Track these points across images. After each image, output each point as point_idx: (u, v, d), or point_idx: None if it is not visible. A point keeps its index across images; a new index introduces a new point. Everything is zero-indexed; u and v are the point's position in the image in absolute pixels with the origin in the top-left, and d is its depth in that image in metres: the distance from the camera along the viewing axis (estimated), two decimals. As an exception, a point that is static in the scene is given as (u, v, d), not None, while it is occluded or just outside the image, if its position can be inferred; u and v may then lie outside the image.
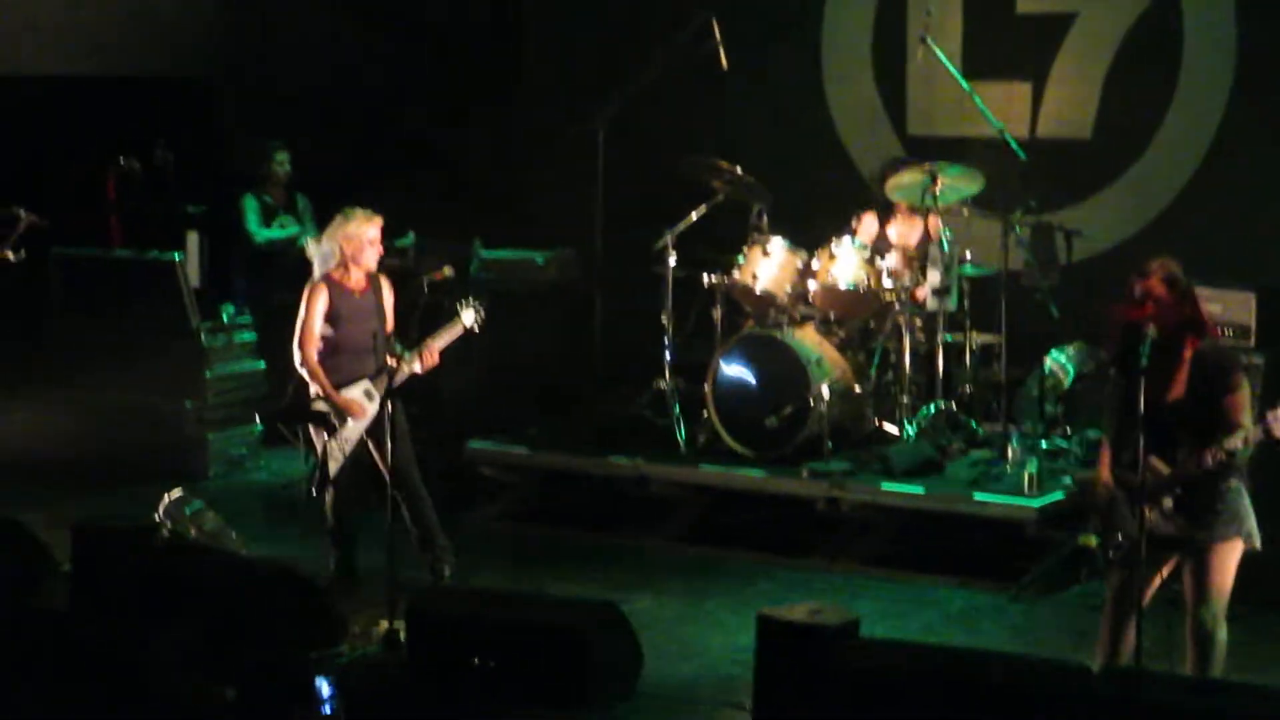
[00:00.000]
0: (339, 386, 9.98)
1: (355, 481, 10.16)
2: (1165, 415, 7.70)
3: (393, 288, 10.23)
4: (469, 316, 10.02)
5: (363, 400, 9.99)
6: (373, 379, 9.97)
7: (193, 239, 13.47)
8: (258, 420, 13.11)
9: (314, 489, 10.14)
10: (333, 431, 10.01)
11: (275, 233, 13.79)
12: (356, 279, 10.06)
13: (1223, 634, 7.89)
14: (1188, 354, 7.79)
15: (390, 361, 9.76)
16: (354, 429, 10.00)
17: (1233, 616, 9.38)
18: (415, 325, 9.83)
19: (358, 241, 10.00)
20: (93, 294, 13.19)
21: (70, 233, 13.31)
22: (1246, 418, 7.71)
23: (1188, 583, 7.91)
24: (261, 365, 13.25)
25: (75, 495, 12.05)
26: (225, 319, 13.09)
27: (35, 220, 11.69)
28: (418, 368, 9.86)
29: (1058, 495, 10.60)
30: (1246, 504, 7.87)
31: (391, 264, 12.50)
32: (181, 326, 12.87)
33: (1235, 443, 7.62)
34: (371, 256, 10.06)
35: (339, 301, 10.02)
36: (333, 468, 10.03)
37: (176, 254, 12.95)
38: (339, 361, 10.03)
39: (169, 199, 13.41)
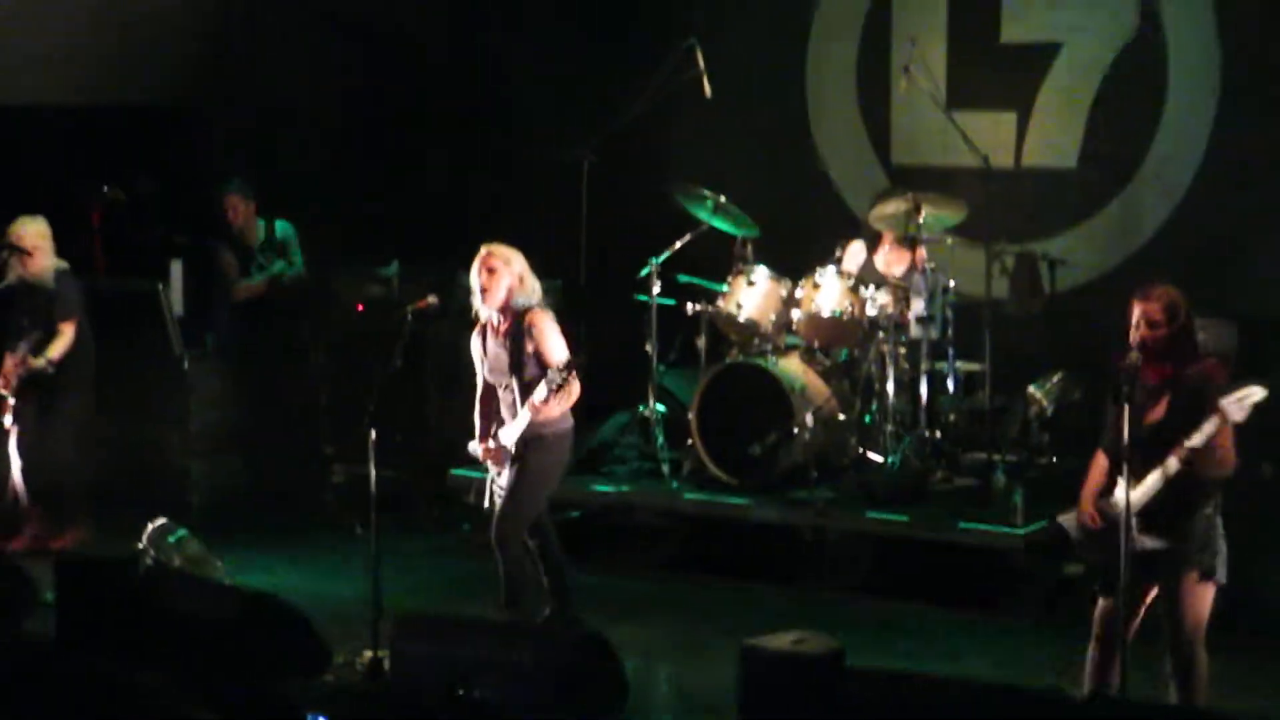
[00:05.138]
0: (484, 435, 9.78)
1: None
2: (1146, 438, 7.74)
3: (544, 322, 9.71)
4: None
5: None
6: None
7: (176, 267, 13.41)
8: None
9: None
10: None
11: (253, 279, 13.51)
12: (499, 320, 9.70)
13: (1202, 663, 7.88)
14: (1169, 378, 7.82)
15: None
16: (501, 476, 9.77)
17: (1217, 646, 9.43)
18: (399, 354, 9.80)
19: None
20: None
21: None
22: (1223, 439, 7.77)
23: (1164, 612, 7.92)
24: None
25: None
26: (209, 347, 13.05)
27: None
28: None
29: (1042, 524, 10.58)
30: (1217, 535, 7.89)
31: (376, 293, 12.55)
32: (165, 355, 12.84)
33: (1196, 440, 7.66)
34: (480, 299, 9.70)
35: (486, 344, 9.76)
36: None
37: (160, 282, 12.91)
38: (491, 409, 9.81)
39: (153, 227, 13.38)
